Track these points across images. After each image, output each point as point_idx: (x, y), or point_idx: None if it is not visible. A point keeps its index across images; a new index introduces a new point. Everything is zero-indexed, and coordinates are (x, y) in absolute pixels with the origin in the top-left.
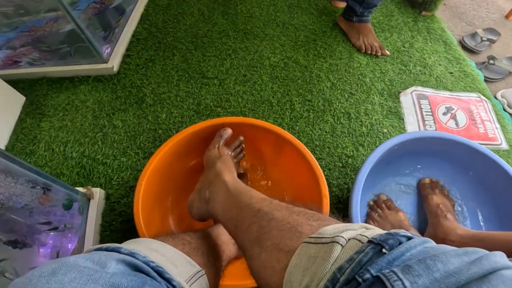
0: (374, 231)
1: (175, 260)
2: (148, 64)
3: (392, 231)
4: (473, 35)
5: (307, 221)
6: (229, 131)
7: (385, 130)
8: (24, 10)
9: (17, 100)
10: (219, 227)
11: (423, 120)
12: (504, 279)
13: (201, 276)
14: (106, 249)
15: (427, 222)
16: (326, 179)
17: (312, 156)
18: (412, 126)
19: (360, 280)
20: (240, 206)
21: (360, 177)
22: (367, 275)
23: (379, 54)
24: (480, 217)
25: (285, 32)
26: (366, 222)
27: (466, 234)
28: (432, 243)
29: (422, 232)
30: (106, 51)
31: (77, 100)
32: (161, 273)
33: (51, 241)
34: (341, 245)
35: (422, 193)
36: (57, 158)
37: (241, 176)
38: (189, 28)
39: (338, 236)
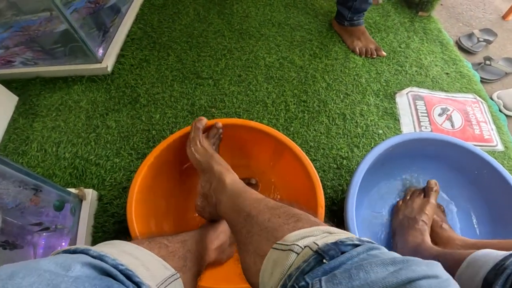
0: (328, 238)
1: (149, 263)
2: (143, 64)
3: (340, 239)
4: (470, 35)
5: (284, 224)
6: (204, 121)
7: (380, 131)
8: (18, 10)
9: (10, 100)
10: (202, 231)
11: (419, 121)
12: None
13: (176, 279)
14: (74, 251)
15: None
16: (321, 180)
17: (311, 164)
18: (408, 127)
19: (294, 285)
20: (236, 210)
21: (355, 180)
22: (302, 283)
23: (375, 56)
24: (474, 220)
25: (281, 32)
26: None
27: (465, 244)
28: (380, 250)
29: None
30: (100, 51)
31: (71, 100)
32: (130, 277)
33: (43, 242)
34: (296, 252)
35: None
36: (49, 158)
37: (252, 186)
38: (185, 28)
39: (295, 244)
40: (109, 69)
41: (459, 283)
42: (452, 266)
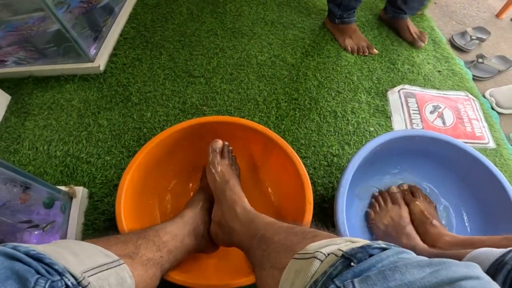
0: (354, 244)
1: (82, 252)
2: (135, 63)
3: (367, 244)
4: (463, 33)
5: (303, 240)
6: (220, 143)
7: (371, 129)
8: (11, 10)
9: (3, 99)
10: (167, 222)
11: (410, 119)
12: None
13: (118, 265)
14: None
15: None
16: (311, 178)
17: (300, 161)
18: (399, 125)
19: None
20: (250, 235)
21: (345, 179)
22: (332, 286)
23: (367, 53)
24: (465, 217)
25: (274, 31)
26: (367, 211)
27: (454, 240)
28: (409, 254)
29: None
30: (93, 50)
31: (63, 99)
32: (41, 259)
33: (34, 240)
34: (319, 259)
35: (405, 200)
36: (40, 157)
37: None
38: (177, 27)
39: (318, 251)
40: (102, 68)
41: None
42: None
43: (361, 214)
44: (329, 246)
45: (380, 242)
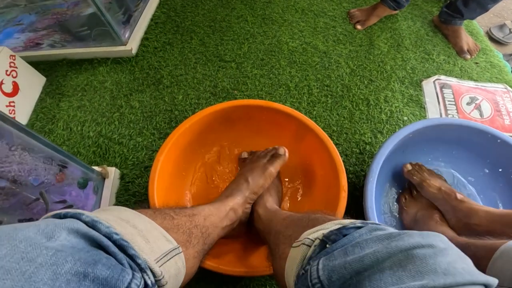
0: (336, 226)
1: (148, 233)
2: (166, 47)
3: (344, 225)
4: (501, 26)
5: (303, 229)
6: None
7: (405, 118)
8: None
9: (38, 80)
10: (210, 207)
11: (446, 110)
12: (414, 259)
13: (177, 254)
14: (65, 215)
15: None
16: (343, 165)
17: (335, 147)
18: (434, 115)
19: (303, 271)
20: (268, 232)
21: (374, 166)
22: (307, 267)
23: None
24: (500, 206)
25: (304, 18)
26: (399, 196)
27: (491, 217)
28: (383, 231)
29: None
30: (125, 34)
31: (96, 81)
32: (124, 248)
33: None
34: (307, 245)
35: (415, 180)
36: (74, 137)
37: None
38: (207, 12)
39: (307, 238)
40: (134, 51)
41: (489, 274)
42: (483, 256)
43: (393, 200)
44: (317, 231)
45: (357, 221)
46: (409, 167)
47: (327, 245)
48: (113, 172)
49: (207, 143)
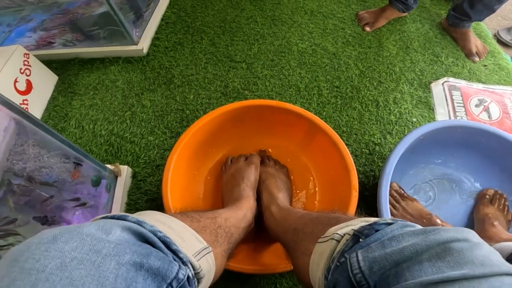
0: (366, 223)
1: (182, 234)
2: (177, 47)
3: (375, 221)
4: (509, 29)
5: (325, 226)
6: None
7: (414, 120)
8: None
9: (51, 79)
10: (228, 211)
11: (454, 111)
12: (451, 251)
13: (208, 253)
14: (113, 217)
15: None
16: None
17: (345, 147)
18: (443, 117)
19: (338, 264)
20: (284, 231)
21: (387, 169)
22: (342, 259)
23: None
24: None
25: (313, 20)
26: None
27: (509, 237)
28: (413, 227)
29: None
30: (136, 34)
31: (107, 80)
32: (168, 244)
33: (76, 220)
34: (336, 240)
35: (477, 201)
36: (86, 135)
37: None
38: (217, 13)
39: (335, 233)
40: (145, 51)
41: None
42: None
43: None
44: (345, 227)
45: (387, 218)
46: (490, 192)
47: (360, 240)
48: (125, 171)
49: (218, 143)
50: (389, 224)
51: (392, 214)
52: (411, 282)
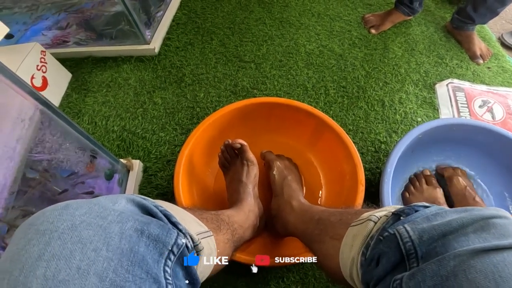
0: (401, 207)
1: (184, 216)
2: (188, 47)
3: (413, 204)
4: None
5: (356, 214)
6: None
7: (419, 119)
8: None
9: (65, 76)
10: (231, 211)
11: (458, 112)
12: (495, 225)
13: (209, 236)
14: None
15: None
16: None
17: (352, 143)
18: (447, 117)
19: (381, 238)
20: (306, 220)
21: (389, 166)
22: (386, 233)
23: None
24: (509, 200)
25: (320, 22)
26: (402, 193)
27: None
28: (447, 209)
29: None
30: (148, 33)
31: (120, 78)
32: (168, 217)
33: None
34: (373, 221)
35: (445, 175)
36: (99, 131)
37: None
38: (227, 15)
39: (372, 215)
40: (156, 50)
41: None
42: None
43: (398, 197)
44: (380, 212)
45: (424, 202)
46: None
47: (401, 217)
48: (137, 165)
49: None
50: (427, 206)
51: (403, 197)
52: (463, 250)
